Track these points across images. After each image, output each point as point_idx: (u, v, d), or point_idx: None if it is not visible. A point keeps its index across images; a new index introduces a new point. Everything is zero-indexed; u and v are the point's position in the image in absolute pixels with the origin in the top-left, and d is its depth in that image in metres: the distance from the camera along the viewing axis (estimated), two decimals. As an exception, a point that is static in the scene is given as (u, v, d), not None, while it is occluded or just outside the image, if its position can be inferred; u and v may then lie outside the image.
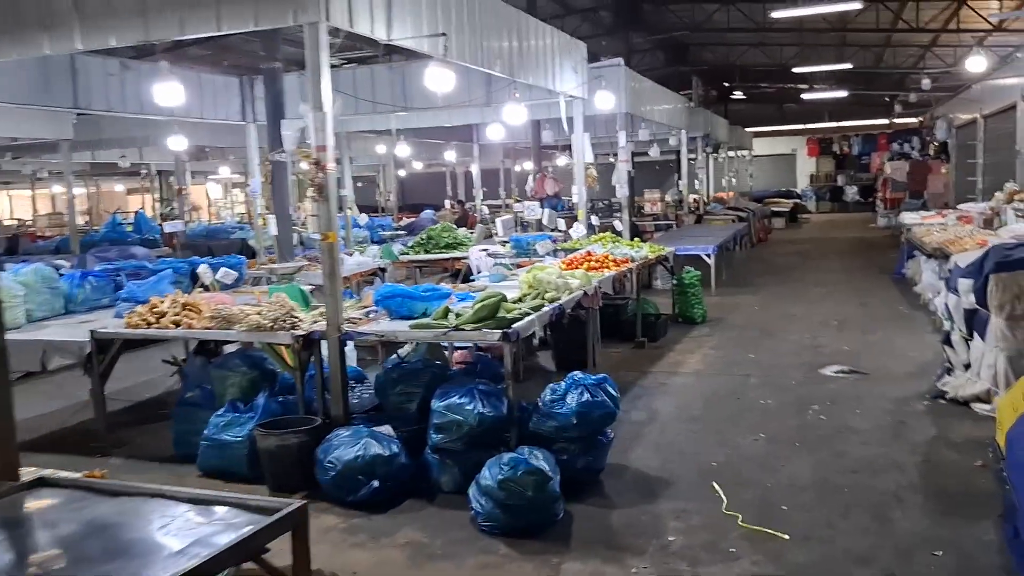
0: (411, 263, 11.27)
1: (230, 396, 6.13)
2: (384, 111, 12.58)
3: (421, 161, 28.51)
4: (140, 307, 6.46)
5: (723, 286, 13.80)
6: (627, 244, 10.47)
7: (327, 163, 5.68)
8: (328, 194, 5.70)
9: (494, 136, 14.32)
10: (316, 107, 5.68)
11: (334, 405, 5.84)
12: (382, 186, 31.40)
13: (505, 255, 9.48)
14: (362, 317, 6.41)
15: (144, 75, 11.26)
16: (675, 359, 9.00)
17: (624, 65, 13.18)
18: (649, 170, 33.55)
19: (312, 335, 5.86)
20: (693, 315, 11.00)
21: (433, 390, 5.82)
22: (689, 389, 7.76)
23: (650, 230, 19.88)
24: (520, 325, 5.62)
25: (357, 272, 10.75)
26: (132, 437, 6.92)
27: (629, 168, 13.63)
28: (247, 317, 5.94)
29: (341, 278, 5.86)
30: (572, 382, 5.52)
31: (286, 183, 9.42)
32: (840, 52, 25.06)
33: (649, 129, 17.17)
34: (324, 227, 5.75)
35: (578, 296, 7.08)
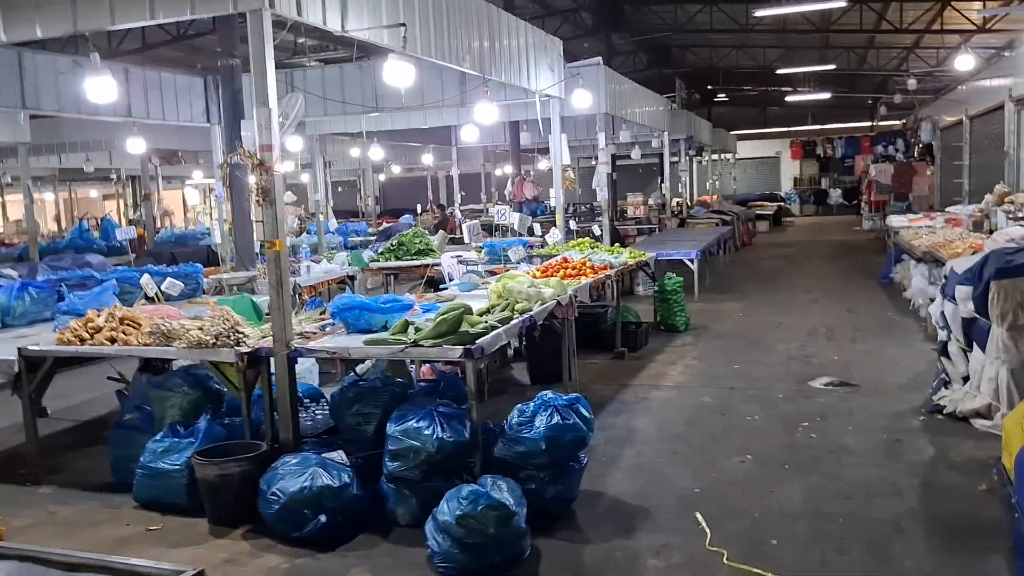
0: (381, 270, 10.77)
1: (170, 419, 5.61)
2: (354, 112, 12.08)
3: (399, 165, 28.03)
4: (74, 322, 5.94)
5: (707, 292, 13.38)
6: (606, 250, 10.02)
7: (272, 164, 5.19)
8: (274, 198, 5.20)
9: (469, 138, 13.87)
10: (260, 103, 5.18)
11: (283, 429, 5.34)
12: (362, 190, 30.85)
13: (477, 262, 9.01)
14: (317, 331, 5.93)
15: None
16: (656, 371, 8.54)
17: (603, 64, 12.74)
18: (632, 173, 33.20)
19: (259, 352, 5.36)
20: (676, 323, 10.56)
21: (392, 409, 5.37)
22: (671, 404, 7.31)
23: (632, 234, 19.49)
24: (485, 341, 5.13)
25: (325, 280, 10.27)
26: (70, 462, 6.39)
27: (609, 171, 13.20)
28: (187, 333, 5.43)
29: (289, 289, 5.37)
30: (541, 403, 5.04)
31: (246, 186, 8.91)
32: (823, 54, 24.79)
33: (630, 131, 16.75)
34: (270, 234, 5.25)
35: (551, 306, 6.62)
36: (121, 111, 11.04)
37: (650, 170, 30.86)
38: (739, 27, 21.80)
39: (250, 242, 8.95)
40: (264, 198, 5.20)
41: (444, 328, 5.10)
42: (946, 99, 22.19)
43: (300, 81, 12.09)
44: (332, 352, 5.30)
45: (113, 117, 10.97)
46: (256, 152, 5.21)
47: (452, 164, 21.41)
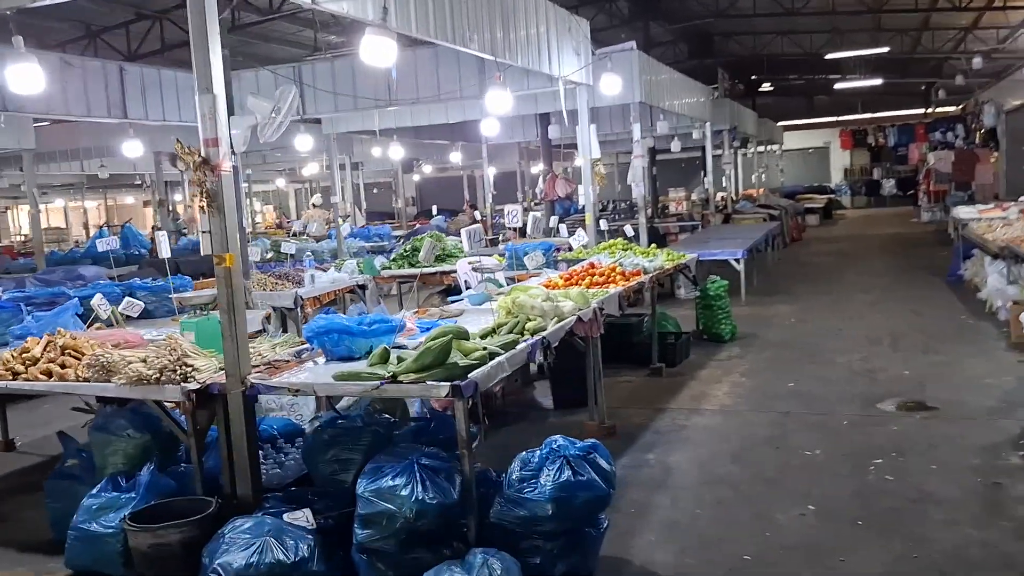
0: (393, 278, 9.85)
1: (112, 468, 4.72)
2: (366, 107, 11.19)
3: (430, 164, 27.18)
4: (8, 351, 5.09)
5: (754, 294, 12.23)
6: (640, 252, 8.97)
7: (220, 162, 4.27)
8: (223, 204, 4.29)
9: (490, 132, 12.91)
10: (203, 88, 4.27)
11: (240, 482, 4.43)
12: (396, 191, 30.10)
13: (494, 269, 8.04)
14: (291, 359, 5.01)
15: (90, 73, 10.01)
16: (698, 390, 7.48)
17: (637, 49, 11.67)
18: (673, 167, 31.97)
19: (210, 389, 4.44)
20: (720, 332, 9.46)
21: (375, 453, 4.45)
22: (714, 434, 6.25)
23: (674, 231, 18.38)
24: (479, 374, 4.16)
25: (332, 290, 9.38)
26: (15, 510, 5.57)
27: (646, 164, 12.14)
28: (127, 366, 4.55)
29: (244, 313, 4.45)
30: (549, 451, 4.06)
31: (238, 190, 8.06)
32: (874, 37, 23.34)
33: (669, 122, 15.62)
34: (219, 247, 4.33)
35: (571, 323, 5.62)
36: (117, 112, 10.30)
37: (693, 164, 29.59)
38: (784, 11, 20.50)
39: (243, 253, 8.12)
40: (210, 203, 4.28)
41: (428, 359, 4.13)
42: (1012, 80, 20.62)
43: (309, 76, 11.24)
44: (295, 389, 4.36)
45: (107, 119, 10.21)
46: (199, 148, 4.28)
47: (482, 162, 20.43)
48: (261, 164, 23.11)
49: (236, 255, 4.36)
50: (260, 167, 24.03)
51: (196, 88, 4.29)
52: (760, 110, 28.67)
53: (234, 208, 4.37)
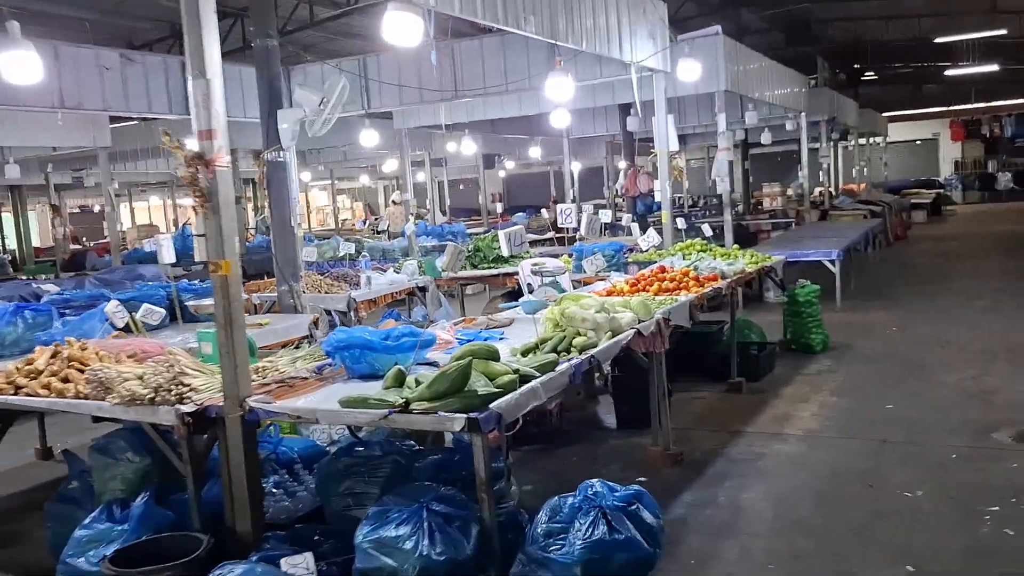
0: (454, 280, 9.31)
1: (110, 494, 4.30)
2: (431, 100, 10.69)
3: (512, 160, 26.64)
4: (13, 362, 4.74)
5: (851, 299, 11.19)
6: (720, 254, 8.16)
7: (216, 157, 3.77)
8: (219, 203, 3.78)
9: (559, 124, 12.21)
10: (196, 72, 3.77)
11: (238, 517, 3.93)
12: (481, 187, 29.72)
13: (555, 272, 7.38)
14: (309, 376, 4.49)
15: (150, 69, 9.80)
16: (781, 411, 6.65)
17: (722, 34, 10.80)
18: (769, 162, 30.60)
19: (208, 412, 3.95)
20: (810, 342, 8.56)
21: (395, 486, 3.91)
22: (797, 466, 5.45)
23: (766, 229, 17.33)
24: (504, 404, 3.53)
25: (389, 292, 8.92)
26: (31, 527, 5.22)
27: (731, 158, 11.28)
28: (123, 384, 4.10)
29: (243, 328, 3.94)
30: (583, 500, 3.42)
31: (286, 186, 7.67)
32: (990, 19, 21.55)
33: (759, 113, 14.61)
34: (215, 252, 3.83)
35: (629, 338, 4.93)
36: (179, 109, 10.08)
37: (789, 157, 28.18)
38: (888, -8, 19.10)
39: (292, 253, 7.72)
40: (204, 203, 3.78)
41: (443, 386, 3.53)
42: None
43: (374, 70, 10.80)
44: (296, 415, 3.82)
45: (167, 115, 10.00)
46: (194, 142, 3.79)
47: (564, 157, 19.72)
48: (342, 161, 23.04)
49: (234, 262, 3.85)
50: (341, 164, 23.98)
51: (191, 71, 3.79)
52: (862, 100, 27.02)
53: (232, 208, 3.86)
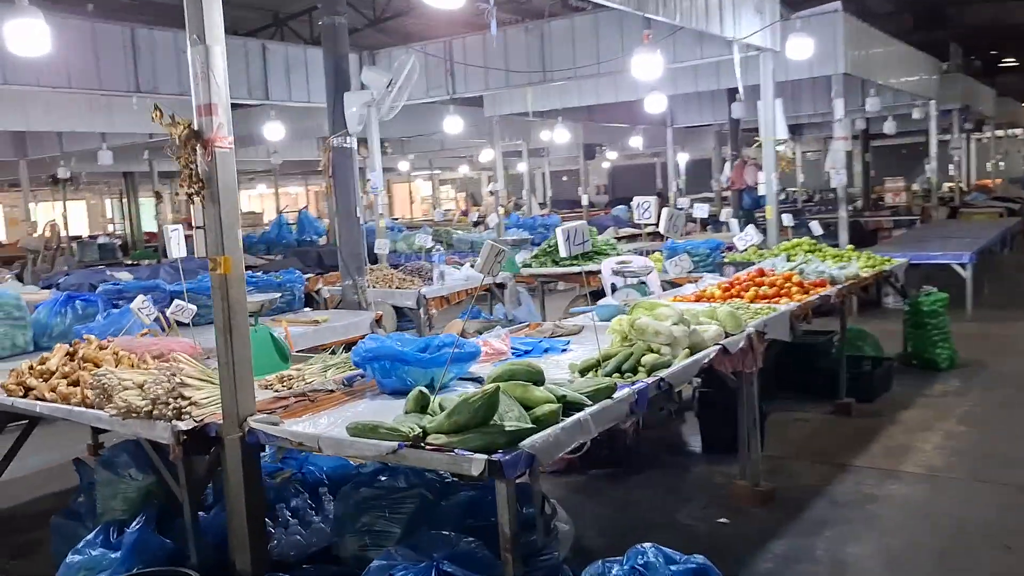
0: (534, 277, 8.66)
1: (110, 515, 3.86)
2: (519, 83, 10.06)
3: (614, 150, 25.73)
4: (27, 362, 4.36)
5: (984, 309, 9.93)
6: (830, 255, 7.22)
7: (214, 136, 3.23)
8: (219, 190, 3.24)
9: (654, 108, 11.34)
10: (194, 37, 3.24)
11: (237, 553, 3.40)
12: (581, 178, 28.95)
13: (642, 272, 6.61)
14: (338, 388, 3.93)
15: (229, 53, 9.50)
16: (897, 441, 5.71)
17: (842, 11, 9.73)
18: (893, 154, 28.57)
19: (207, 429, 3.44)
20: (935, 358, 7.49)
21: (420, 526, 3.32)
22: (915, 515, 4.55)
23: (887, 227, 15.96)
24: (539, 442, 2.85)
25: (464, 289, 8.35)
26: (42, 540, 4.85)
27: (849, 148, 10.20)
28: (123, 392, 3.64)
29: (245, 336, 3.39)
30: (631, 571, 2.69)
31: (351, 175, 7.19)
32: None
33: (882, 100, 13.32)
34: (213, 247, 3.30)
35: (710, 355, 4.16)
36: (258, 93, 9.80)
37: (916, 150, 26.19)
38: (1036, -35, 17.26)
39: (357, 245, 7.24)
40: (200, 191, 3.25)
41: (464, 417, 2.87)
42: None
43: (459, 52, 10.26)
44: (298, 441, 3.25)
45: (245, 100, 9.72)
46: (192, 118, 3.26)
47: (667, 148, 18.78)
48: (439, 150, 22.72)
49: (236, 259, 3.31)
50: (440, 153, 23.68)
51: (189, 37, 3.26)
52: (1000, 88, 24.83)
53: (234, 196, 3.31)
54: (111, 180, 24.20)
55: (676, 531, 4.43)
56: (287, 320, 6.65)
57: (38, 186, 20.77)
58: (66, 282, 7.92)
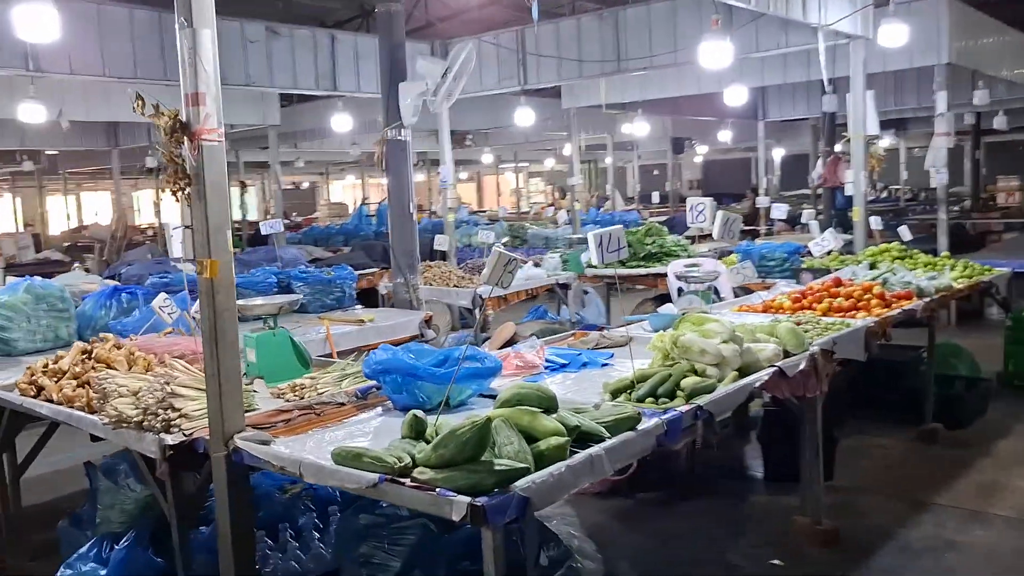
0: (598, 278, 8.22)
1: (107, 527, 3.68)
2: (592, 74, 9.62)
3: (707, 144, 24.87)
4: (42, 360, 4.22)
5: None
6: (922, 263, 6.56)
7: (201, 127, 2.96)
8: (206, 187, 2.98)
9: (735, 101, 10.67)
10: (182, 20, 2.97)
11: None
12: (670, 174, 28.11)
13: (708, 277, 6.11)
14: (349, 401, 3.65)
15: (297, 43, 9.41)
16: (989, 476, 5.07)
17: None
18: (1008, 151, 26.70)
19: (196, 445, 3.19)
20: (1040, 380, 6.75)
21: (421, 561, 3.00)
22: (1005, 570, 3.96)
23: (996, 231, 14.85)
24: (536, 483, 2.48)
25: (525, 289, 8.01)
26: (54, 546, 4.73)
27: (950, 144, 9.38)
28: (119, 399, 3.43)
29: (234, 345, 3.11)
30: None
31: (406, 168, 6.91)
32: None
33: (992, 92, 12.29)
34: (200, 248, 3.03)
35: (761, 379, 3.69)
36: (326, 84, 9.65)
37: (1033, 148, 24.46)
38: None
39: (410, 241, 6.96)
40: (186, 187, 2.99)
41: (452, 451, 2.52)
42: None
43: (531, 43, 9.87)
44: (280, 466, 2.95)
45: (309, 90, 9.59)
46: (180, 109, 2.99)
47: (759, 142, 17.95)
48: (524, 144, 22.40)
49: (225, 262, 3.03)
50: (524, 145, 23.36)
51: (178, 20, 2.99)
52: None
53: (223, 192, 3.04)
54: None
55: (722, 571, 3.98)
56: (332, 318, 6.45)
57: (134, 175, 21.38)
58: (127, 272, 7.95)
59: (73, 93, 10.71)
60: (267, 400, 3.84)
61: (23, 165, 16.30)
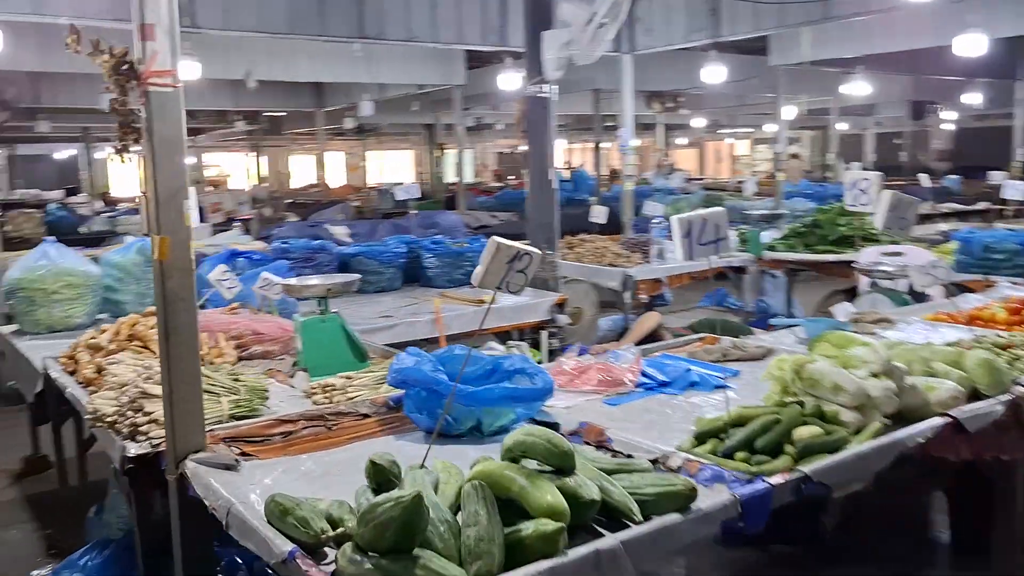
0: (779, 263, 6.96)
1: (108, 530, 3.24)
2: (793, 22, 8.25)
3: (956, 109, 21.78)
4: (87, 334, 3.87)
5: None
6: None
7: (150, 69, 2.33)
8: (156, 146, 2.35)
9: (966, 51, 8.62)
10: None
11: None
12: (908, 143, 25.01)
13: (897, 270, 4.80)
14: (375, 412, 2.98)
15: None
16: None
17: None
18: None
19: (160, 459, 2.63)
20: None
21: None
22: None
23: None
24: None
25: (691, 272, 6.98)
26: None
27: None
28: (105, 391, 2.96)
29: (194, 344, 2.48)
30: None
31: (546, 129, 6.06)
32: None
33: None
34: (153, 223, 2.42)
35: (924, 434, 2.58)
36: (492, 38, 9.00)
37: None
38: None
39: (548, 212, 6.12)
40: (127, 143, 2.38)
41: (370, 536, 1.74)
42: None
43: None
44: (214, 504, 2.30)
45: (456, 44, 8.95)
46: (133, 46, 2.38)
47: (1014, 106, 15.28)
48: (739, 107, 20.69)
49: (180, 239, 2.41)
50: (737, 109, 21.62)
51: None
52: None
53: (179, 150, 2.40)
54: (415, 132, 25.18)
55: None
56: (452, 296, 5.84)
57: (344, 137, 22.02)
58: (280, 233, 7.79)
59: (259, 53, 10.83)
60: (295, 400, 3.26)
61: (235, 126, 17.11)
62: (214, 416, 2.81)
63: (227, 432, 2.73)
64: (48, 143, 27.79)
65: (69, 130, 19.32)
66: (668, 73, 12.64)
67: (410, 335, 5.04)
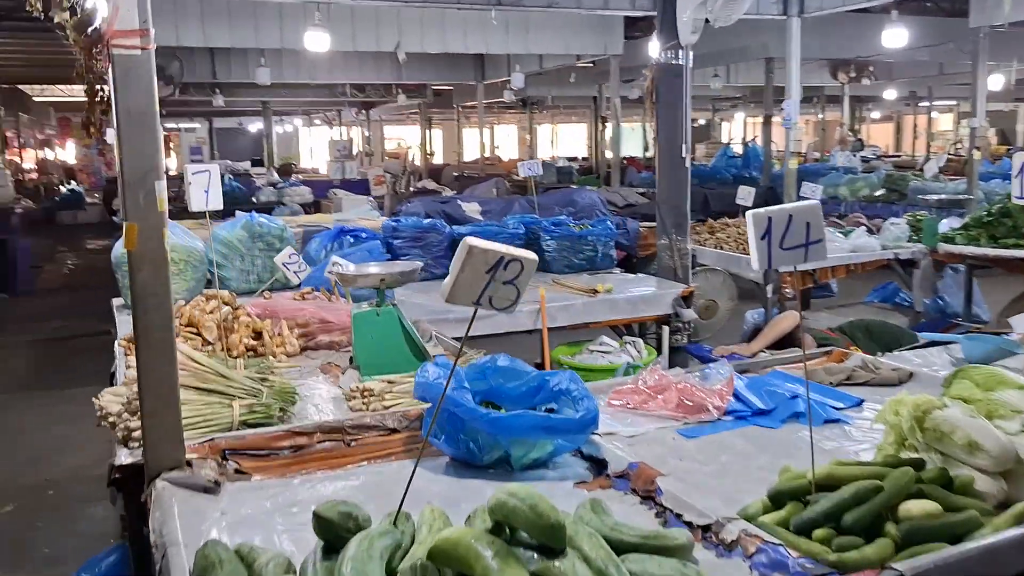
0: (957, 257, 5.91)
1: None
2: None
3: None
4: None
5: None
6: None
7: (114, 29, 1.99)
8: (121, 117, 2.03)
9: None
10: None
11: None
12: None
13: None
14: (400, 428, 2.60)
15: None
16: None
17: None
18: None
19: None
20: None
21: None
22: None
23: None
24: None
25: (839, 266, 6.14)
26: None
27: None
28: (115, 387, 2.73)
29: (169, 342, 2.15)
30: None
31: (680, 101, 5.36)
32: None
33: None
34: (127, 209, 2.10)
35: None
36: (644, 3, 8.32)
37: None
38: None
39: (679, 193, 5.43)
40: (99, 117, 2.06)
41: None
42: None
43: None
44: (153, 542, 1.96)
45: (622, 11, 8.31)
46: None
47: None
48: (936, 75, 18.61)
49: (150, 225, 2.08)
50: (937, 79, 19.47)
51: None
52: None
53: (151, 122, 2.06)
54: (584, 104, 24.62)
55: None
56: (564, 284, 5.35)
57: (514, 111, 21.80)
58: (407, 209, 7.58)
59: (411, 23, 10.67)
60: (339, 402, 2.93)
61: (398, 99, 17.22)
62: (222, 423, 2.52)
63: (229, 443, 2.42)
64: (242, 116, 29.59)
65: (251, 104, 20.25)
66: (845, 40, 11.39)
67: (510, 326, 4.64)
